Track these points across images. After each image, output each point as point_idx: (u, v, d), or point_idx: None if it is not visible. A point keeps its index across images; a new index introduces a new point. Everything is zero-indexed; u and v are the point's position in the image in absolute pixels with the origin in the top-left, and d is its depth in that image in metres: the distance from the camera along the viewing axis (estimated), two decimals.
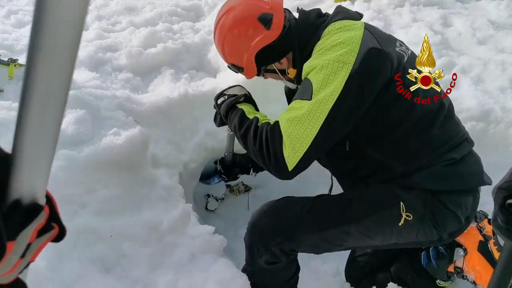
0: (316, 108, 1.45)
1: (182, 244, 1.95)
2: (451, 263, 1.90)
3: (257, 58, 1.74)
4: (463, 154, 1.65)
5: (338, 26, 1.63)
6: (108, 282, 1.76)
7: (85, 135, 2.10)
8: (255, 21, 1.69)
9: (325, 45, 1.56)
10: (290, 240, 1.74)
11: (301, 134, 1.45)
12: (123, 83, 2.84)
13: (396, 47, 1.63)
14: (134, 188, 2.07)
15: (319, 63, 1.50)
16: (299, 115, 1.46)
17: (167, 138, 2.52)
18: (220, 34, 1.77)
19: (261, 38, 1.70)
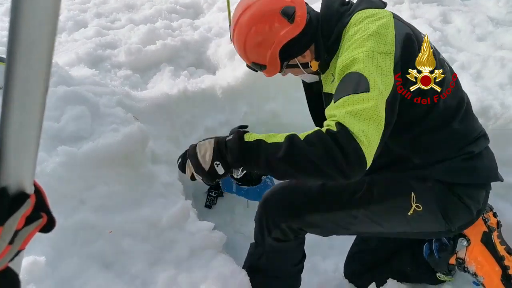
0: (379, 101, 1.35)
1: (181, 240, 1.94)
2: (453, 254, 1.90)
3: (280, 53, 1.69)
4: (481, 148, 1.66)
5: (366, 15, 1.58)
6: (108, 278, 1.76)
7: (84, 131, 2.10)
8: (278, 15, 1.64)
9: (360, 35, 1.50)
10: (298, 217, 1.75)
11: (372, 129, 1.31)
12: (122, 80, 2.85)
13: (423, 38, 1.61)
14: (134, 185, 2.07)
15: (361, 55, 1.42)
16: (365, 109, 1.31)
17: (166, 134, 2.52)
18: (240, 32, 1.70)
19: (286, 32, 1.65)
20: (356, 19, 1.59)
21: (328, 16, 1.66)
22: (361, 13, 1.60)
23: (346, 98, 1.35)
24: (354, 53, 1.44)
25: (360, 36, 1.49)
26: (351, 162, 1.27)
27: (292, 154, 1.32)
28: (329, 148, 1.27)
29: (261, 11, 1.66)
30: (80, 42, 3.39)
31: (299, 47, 1.70)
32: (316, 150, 1.29)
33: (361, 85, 1.36)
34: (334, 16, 1.65)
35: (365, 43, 1.45)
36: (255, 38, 1.68)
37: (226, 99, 2.80)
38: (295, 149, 1.31)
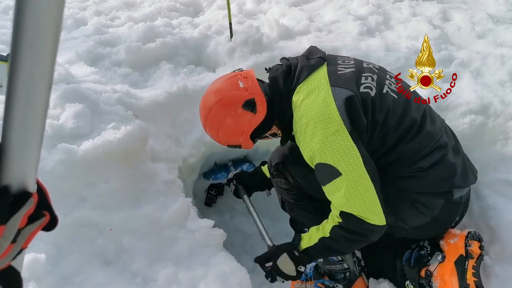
0: (354, 174, 1.62)
1: (181, 237, 1.95)
2: (425, 266, 1.94)
3: (251, 135, 1.90)
4: (432, 161, 1.76)
5: (304, 93, 1.74)
6: (108, 275, 1.76)
7: (84, 129, 2.09)
8: (241, 110, 1.82)
9: (305, 126, 1.68)
10: (284, 163, 2.14)
11: (366, 199, 1.64)
12: (122, 78, 2.84)
13: (362, 84, 1.74)
14: (134, 182, 2.07)
15: (317, 146, 1.64)
16: (348, 192, 1.64)
17: (166, 132, 2.51)
18: (212, 129, 1.91)
19: (251, 122, 1.84)
20: (298, 98, 1.75)
21: (278, 98, 1.84)
22: (301, 88, 1.76)
23: (328, 186, 1.69)
24: (312, 145, 1.66)
25: (307, 127, 1.68)
26: (370, 236, 1.70)
27: (334, 252, 1.90)
28: (350, 240, 1.72)
29: (225, 110, 1.84)
30: (79, 40, 3.39)
31: (265, 127, 1.91)
32: (345, 245, 1.76)
33: (332, 173, 1.64)
34: (283, 96, 1.82)
35: (316, 131, 1.65)
36: (225, 132, 1.89)
37: None
38: (333, 250, 1.80)
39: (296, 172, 2.06)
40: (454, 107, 2.27)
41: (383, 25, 3.55)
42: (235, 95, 1.82)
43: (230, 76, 1.94)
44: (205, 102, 1.89)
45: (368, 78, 1.77)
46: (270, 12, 4.10)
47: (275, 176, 2.20)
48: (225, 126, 1.86)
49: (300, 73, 1.80)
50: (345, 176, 1.63)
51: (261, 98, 1.83)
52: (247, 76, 1.89)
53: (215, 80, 2.00)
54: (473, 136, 2.16)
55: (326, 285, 2.22)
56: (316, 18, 3.85)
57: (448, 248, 1.92)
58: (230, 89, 1.85)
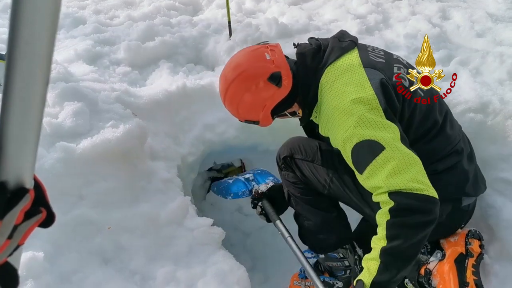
0: (397, 146, 1.52)
1: (180, 236, 1.95)
2: (425, 264, 1.93)
3: (272, 111, 1.83)
4: (447, 166, 1.75)
5: (338, 72, 1.69)
6: (107, 273, 1.77)
7: (83, 127, 2.09)
8: (266, 82, 1.74)
9: (339, 107, 1.61)
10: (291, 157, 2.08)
11: (414, 170, 1.50)
12: (121, 77, 2.83)
13: (394, 73, 1.71)
14: (132, 181, 2.07)
15: (354, 125, 1.56)
16: (394, 165, 1.49)
17: (165, 131, 2.51)
18: (232, 101, 1.82)
19: (275, 95, 1.77)
20: (328, 78, 1.70)
21: (304, 73, 1.78)
22: (332, 69, 1.71)
23: (371, 166, 1.53)
24: (348, 125, 1.58)
25: (340, 102, 1.61)
26: (430, 209, 1.47)
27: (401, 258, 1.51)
28: (412, 225, 1.47)
29: (250, 80, 1.75)
30: (78, 39, 3.38)
31: (287, 104, 1.84)
32: (410, 237, 1.47)
33: (374, 148, 1.52)
34: (309, 72, 1.76)
35: (352, 110, 1.58)
36: (246, 105, 1.80)
37: None
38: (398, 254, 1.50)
39: (304, 166, 2.05)
40: (453, 106, 2.27)
41: (382, 23, 3.54)
42: (261, 67, 1.76)
43: (257, 47, 1.86)
44: (228, 72, 1.82)
45: (400, 69, 1.74)
46: (269, 11, 4.10)
47: (283, 169, 2.17)
48: (247, 98, 1.78)
49: (331, 53, 1.76)
50: (389, 149, 1.51)
51: (288, 72, 1.76)
52: (274, 49, 1.82)
53: (239, 51, 1.93)
54: (472, 134, 2.15)
55: (326, 282, 2.21)
56: (315, 17, 3.85)
57: (448, 246, 1.91)
58: (256, 61, 1.79)
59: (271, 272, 2.57)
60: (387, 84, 1.64)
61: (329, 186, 1.97)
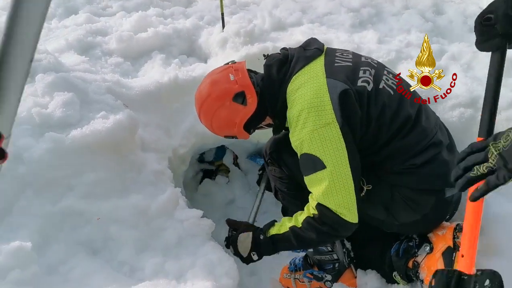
0: (338, 170, 1.65)
1: (170, 227, 1.95)
2: (413, 257, 1.94)
3: (245, 126, 1.93)
4: (425, 159, 1.78)
5: (299, 83, 1.75)
6: (95, 264, 1.76)
7: (73, 118, 2.07)
8: (232, 103, 1.86)
9: (298, 115, 1.70)
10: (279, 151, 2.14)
11: (345, 196, 1.67)
12: (113, 67, 2.81)
13: (359, 78, 1.76)
14: (122, 172, 2.06)
15: (306, 137, 1.67)
16: (329, 186, 1.66)
17: (156, 122, 2.50)
18: (206, 121, 1.96)
19: (243, 114, 1.88)
20: (293, 87, 1.77)
21: (270, 85, 1.86)
22: (295, 81, 1.78)
23: (310, 177, 1.71)
24: (301, 135, 1.69)
25: (300, 110, 1.69)
26: (341, 231, 1.74)
27: (302, 243, 1.83)
28: (321, 231, 1.73)
29: (216, 104, 1.88)
30: (70, 29, 3.35)
31: (258, 118, 1.94)
32: (315, 237, 1.76)
33: (316, 164, 1.67)
34: (275, 84, 1.84)
35: (307, 121, 1.67)
36: (218, 124, 1.94)
37: None
38: (302, 240, 1.80)
39: (289, 161, 2.07)
40: (443, 100, 2.27)
41: (376, 17, 3.54)
42: (226, 88, 1.86)
43: (222, 69, 1.97)
44: (199, 94, 1.94)
45: (366, 72, 1.78)
46: (263, 3, 4.08)
47: (270, 164, 2.22)
48: (218, 118, 1.90)
49: (296, 63, 1.82)
50: (329, 170, 1.65)
51: (251, 90, 1.86)
52: (238, 68, 1.92)
53: (209, 73, 2.03)
54: (462, 129, 2.17)
55: (315, 275, 2.24)
56: (309, 10, 3.83)
57: (436, 239, 1.92)
58: (221, 82, 1.89)
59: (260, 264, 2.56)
60: (348, 93, 1.68)
61: None
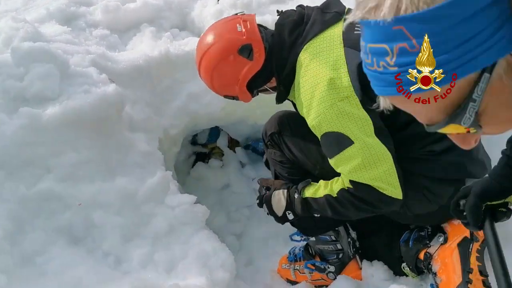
0: (368, 142, 1.53)
1: (159, 214, 1.86)
2: (425, 248, 1.84)
3: (248, 85, 1.78)
4: (445, 146, 1.66)
5: (313, 52, 1.62)
6: (76, 254, 1.67)
7: (51, 91, 1.92)
8: (237, 55, 1.71)
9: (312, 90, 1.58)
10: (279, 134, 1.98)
11: (382, 168, 1.54)
12: (98, 40, 2.62)
13: None
14: (107, 152, 1.95)
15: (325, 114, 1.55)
16: (362, 161, 1.54)
17: (145, 100, 2.36)
18: (205, 74, 1.80)
19: (247, 69, 1.73)
20: (306, 57, 1.63)
21: (279, 48, 1.72)
22: (310, 47, 1.64)
23: (337, 157, 1.59)
24: (319, 112, 1.56)
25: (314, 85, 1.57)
26: (384, 207, 1.62)
27: (337, 215, 1.71)
28: (359, 206, 1.62)
29: (220, 54, 1.73)
30: None
31: (264, 77, 1.79)
32: (353, 212, 1.65)
33: (341, 142, 1.55)
34: (285, 47, 1.70)
35: (323, 96, 1.54)
36: (220, 78, 1.78)
37: None
38: (337, 212, 1.68)
39: (293, 144, 1.94)
40: None
41: None
42: (231, 39, 1.72)
43: (230, 19, 1.83)
44: (200, 44, 1.81)
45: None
46: None
47: (269, 146, 2.06)
48: (220, 72, 1.76)
49: (311, 28, 1.67)
50: (358, 144, 1.53)
51: (259, 44, 1.71)
52: (247, 19, 1.77)
53: (214, 23, 1.90)
54: None
55: (317, 266, 2.12)
56: None
57: (451, 229, 1.81)
58: (227, 33, 1.75)
59: (256, 254, 2.45)
60: None
61: (321, 165, 1.84)
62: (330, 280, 2.10)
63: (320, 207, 1.73)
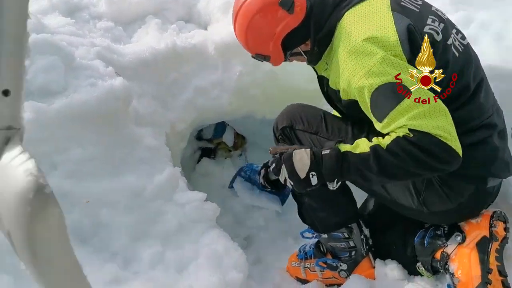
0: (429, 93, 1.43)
1: (169, 212, 1.80)
2: (442, 247, 1.79)
3: (283, 44, 1.71)
4: (475, 140, 1.59)
5: (360, 15, 1.57)
6: (83, 254, 1.58)
7: (56, 85, 1.86)
8: (277, 7, 1.64)
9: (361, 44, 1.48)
10: (291, 127, 1.89)
11: (443, 120, 1.40)
12: (102, 32, 2.56)
13: (427, 25, 1.57)
14: (114, 148, 1.88)
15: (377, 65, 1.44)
16: (422, 110, 1.39)
17: (152, 93, 2.30)
18: (241, 25, 1.72)
19: (286, 23, 1.66)
20: (348, 21, 1.58)
21: (321, 7, 1.66)
22: (353, 12, 1.59)
23: (394, 112, 1.41)
24: (368, 66, 1.45)
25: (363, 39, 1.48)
26: (444, 160, 1.40)
27: (385, 168, 1.45)
28: (416, 157, 1.38)
29: (260, 2, 1.66)
30: None
31: (300, 37, 1.71)
32: (405, 162, 1.41)
33: (398, 92, 1.40)
34: (327, 7, 1.65)
35: (374, 50, 1.45)
36: (255, 31, 1.71)
37: (219, 57, 2.55)
38: (385, 163, 1.43)
39: (305, 139, 1.87)
40: None
41: None
42: None
43: None
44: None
45: (435, 22, 1.59)
46: None
47: (280, 141, 1.98)
48: (256, 24, 1.68)
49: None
50: (417, 92, 1.41)
51: (302, 0, 1.65)
52: None
53: None
54: None
55: (328, 264, 2.06)
56: None
57: (470, 228, 1.75)
58: None
59: (264, 252, 2.41)
60: (415, 31, 1.50)
61: None
62: (342, 279, 2.04)
63: (362, 162, 1.48)
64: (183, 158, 2.75)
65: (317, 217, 1.99)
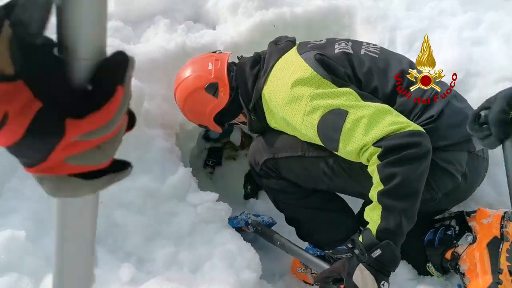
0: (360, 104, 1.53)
1: (182, 212, 1.81)
2: (452, 248, 1.80)
3: (217, 119, 1.96)
4: (439, 108, 1.64)
5: (276, 74, 1.75)
6: (98, 254, 1.59)
7: None
8: (203, 92, 1.89)
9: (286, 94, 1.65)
10: (273, 159, 1.85)
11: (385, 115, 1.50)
12: (111, 32, 2.55)
13: (335, 48, 1.76)
14: (127, 149, 1.82)
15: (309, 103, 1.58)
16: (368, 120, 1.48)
17: (162, 94, 2.28)
18: (179, 101, 2.00)
19: (213, 106, 1.91)
20: (270, 82, 1.75)
21: (243, 82, 1.86)
22: (273, 73, 1.76)
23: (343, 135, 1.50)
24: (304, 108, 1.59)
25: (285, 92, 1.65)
26: (417, 143, 1.44)
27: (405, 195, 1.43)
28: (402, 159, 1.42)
29: (189, 90, 1.92)
30: None
31: (230, 114, 1.97)
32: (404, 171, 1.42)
33: (338, 117, 1.52)
34: (248, 80, 1.85)
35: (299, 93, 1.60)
36: (190, 108, 1.98)
37: None
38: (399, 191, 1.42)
39: (293, 164, 1.83)
40: (485, 74, 2.08)
41: None
42: (201, 76, 1.90)
43: (206, 55, 2.02)
44: (178, 75, 2.00)
45: (342, 43, 1.80)
46: None
47: (264, 177, 1.91)
48: (190, 104, 1.95)
49: (270, 58, 1.81)
50: (353, 110, 1.51)
51: (225, 83, 1.88)
52: (219, 59, 1.95)
53: (194, 57, 2.09)
54: None
55: None
56: None
57: (480, 228, 1.77)
58: (199, 69, 1.93)
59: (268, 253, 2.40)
60: (323, 56, 1.68)
61: (332, 175, 1.76)
62: None
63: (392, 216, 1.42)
64: (191, 158, 2.75)
65: (318, 238, 1.97)
